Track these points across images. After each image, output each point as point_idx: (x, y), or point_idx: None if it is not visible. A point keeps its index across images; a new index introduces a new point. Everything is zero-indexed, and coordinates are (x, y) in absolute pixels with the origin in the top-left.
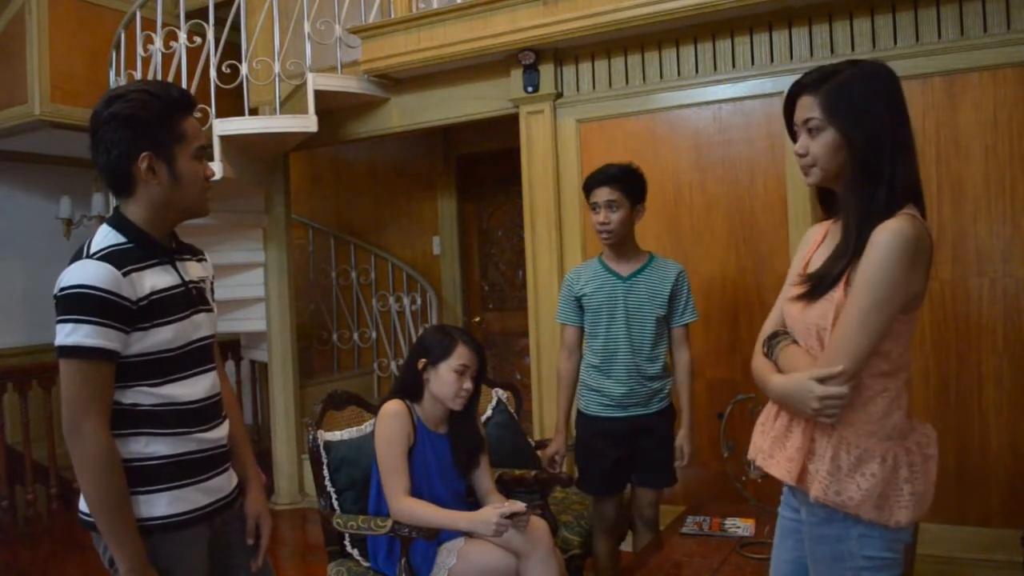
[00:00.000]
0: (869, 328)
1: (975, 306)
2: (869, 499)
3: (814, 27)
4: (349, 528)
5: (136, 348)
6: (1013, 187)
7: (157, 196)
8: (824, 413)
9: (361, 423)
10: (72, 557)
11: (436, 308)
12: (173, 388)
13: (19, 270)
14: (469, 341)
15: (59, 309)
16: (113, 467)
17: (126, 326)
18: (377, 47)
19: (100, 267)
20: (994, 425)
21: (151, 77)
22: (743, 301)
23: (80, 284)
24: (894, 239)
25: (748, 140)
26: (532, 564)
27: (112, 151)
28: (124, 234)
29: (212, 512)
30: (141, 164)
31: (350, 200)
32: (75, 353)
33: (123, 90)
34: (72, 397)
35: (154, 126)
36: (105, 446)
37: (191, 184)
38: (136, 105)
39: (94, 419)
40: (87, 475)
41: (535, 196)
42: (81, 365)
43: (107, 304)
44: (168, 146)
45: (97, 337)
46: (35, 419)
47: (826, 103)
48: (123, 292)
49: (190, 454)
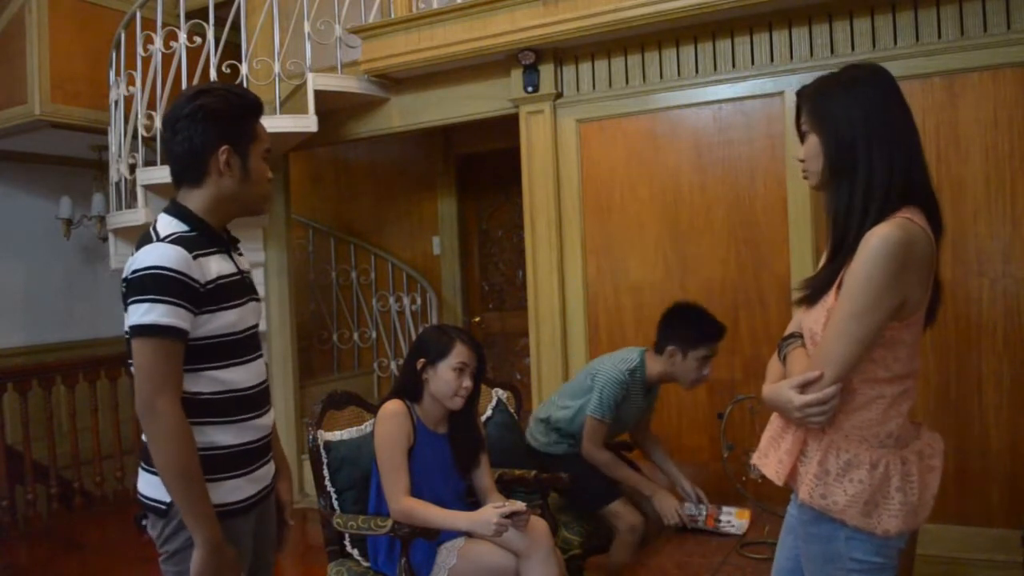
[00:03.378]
0: (852, 334)
1: (975, 306)
2: (854, 505)
3: (814, 27)
4: (349, 528)
5: (203, 331)
6: (1013, 187)
7: (227, 188)
8: (808, 420)
9: (361, 423)
10: (72, 557)
11: (436, 308)
12: (234, 373)
13: (19, 270)
14: (467, 340)
15: (133, 290)
16: (189, 441)
17: (195, 307)
18: (377, 47)
19: (173, 249)
20: (994, 425)
21: (151, 77)
22: (743, 301)
23: (154, 265)
24: (881, 244)
25: (748, 140)
26: (532, 564)
27: (194, 140)
28: (187, 223)
29: (258, 501)
30: (220, 156)
31: (350, 200)
32: (151, 332)
33: (208, 87)
34: (147, 375)
35: (235, 123)
36: (180, 420)
37: (258, 181)
38: (222, 101)
39: (169, 395)
40: (164, 450)
41: (535, 196)
42: (156, 343)
43: (180, 285)
44: (244, 143)
45: (171, 316)
46: (35, 419)
47: (809, 108)
48: (193, 274)
49: (247, 444)
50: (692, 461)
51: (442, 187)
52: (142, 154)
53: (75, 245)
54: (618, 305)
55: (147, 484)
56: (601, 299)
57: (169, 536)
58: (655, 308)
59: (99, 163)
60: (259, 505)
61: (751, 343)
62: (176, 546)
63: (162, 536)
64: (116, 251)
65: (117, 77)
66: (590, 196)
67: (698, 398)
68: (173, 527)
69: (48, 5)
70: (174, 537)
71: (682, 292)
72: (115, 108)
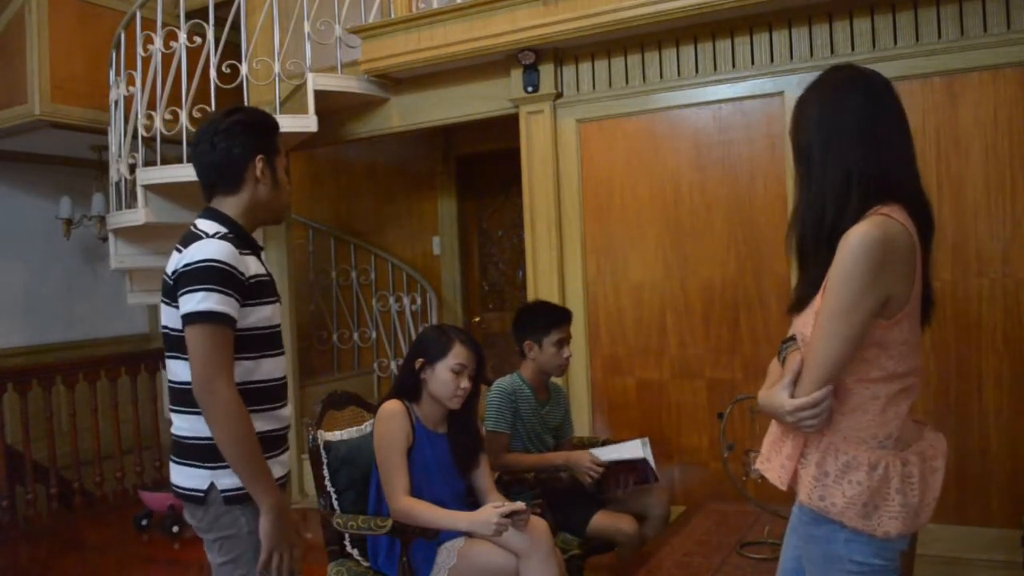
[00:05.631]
0: (836, 334)
1: (975, 306)
2: (853, 507)
3: (814, 27)
4: (349, 528)
5: (245, 323)
6: (1013, 187)
7: (262, 195)
8: (801, 424)
9: (361, 423)
10: (72, 557)
11: (436, 308)
12: (268, 364)
13: (19, 270)
14: (466, 340)
15: (187, 281)
16: (247, 417)
17: (242, 298)
18: (377, 47)
19: (222, 244)
20: (994, 425)
21: (151, 77)
22: (743, 301)
23: (208, 258)
24: (858, 242)
25: (748, 140)
26: (532, 564)
27: (234, 150)
28: (224, 225)
29: (282, 485)
30: (258, 164)
31: (350, 200)
32: (207, 318)
33: (238, 107)
34: (203, 359)
35: (269, 136)
36: (236, 400)
37: (285, 191)
38: (257, 116)
39: (225, 378)
40: (226, 427)
41: (535, 196)
42: (212, 329)
43: (231, 276)
44: (273, 155)
45: (224, 305)
46: (35, 419)
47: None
48: (240, 268)
49: (274, 431)
50: (692, 461)
51: (442, 187)
52: (142, 154)
53: (75, 245)
54: (618, 305)
55: (181, 475)
56: (601, 299)
57: (212, 523)
58: (655, 308)
59: (99, 163)
60: (284, 489)
61: (751, 343)
62: (223, 533)
63: (204, 523)
64: (116, 251)
65: (117, 77)
66: (590, 196)
67: (698, 398)
68: (213, 514)
69: (48, 5)
70: (217, 524)
71: (682, 292)
72: (115, 108)
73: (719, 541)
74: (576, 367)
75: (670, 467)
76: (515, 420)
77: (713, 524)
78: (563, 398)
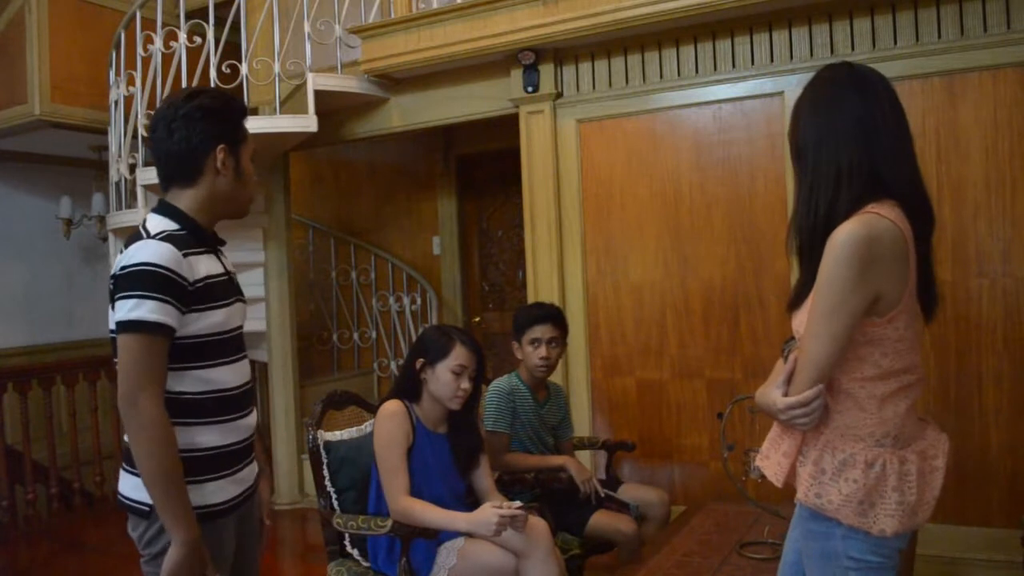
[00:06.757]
0: (825, 333)
1: (975, 306)
2: (849, 504)
3: (814, 27)
4: (349, 528)
5: (190, 329)
6: (1013, 187)
7: (221, 188)
8: (793, 422)
9: (361, 423)
10: (72, 557)
11: (436, 308)
12: (220, 373)
13: (19, 270)
14: (467, 341)
15: (121, 285)
16: (169, 439)
17: (183, 305)
18: (377, 47)
19: (162, 247)
20: (994, 425)
21: (151, 77)
22: (743, 301)
23: (144, 262)
24: (843, 241)
25: (748, 140)
26: (532, 564)
27: (192, 139)
28: (176, 221)
29: (241, 502)
30: (218, 155)
31: (350, 200)
32: (137, 327)
33: (200, 89)
34: (130, 371)
35: (232, 123)
36: (161, 418)
37: (248, 182)
38: (220, 102)
39: (151, 392)
40: (143, 447)
41: (535, 196)
42: (142, 339)
43: (169, 282)
44: (238, 144)
45: (159, 313)
46: (35, 419)
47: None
48: (183, 272)
49: (231, 445)
50: (692, 461)
51: (442, 187)
52: (142, 154)
53: (75, 245)
54: (618, 305)
55: (128, 485)
56: (601, 299)
57: (152, 538)
58: (655, 308)
59: (99, 163)
60: (242, 506)
61: (751, 343)
62: (159, 549)
63: (144, 538)
64: (116, 251)
65: (117, 77)
66: (590, 196)
67: (698, 398)
68: (156, 529)
69: (48, 5)
70: (156, 540)
71: (682, 292)
72: (115, 108)
73: (719, 541)
74: (576, 367)
75: (670, 467)
76: (514, 420)
77: (713, 524)
78: (562, 397)
